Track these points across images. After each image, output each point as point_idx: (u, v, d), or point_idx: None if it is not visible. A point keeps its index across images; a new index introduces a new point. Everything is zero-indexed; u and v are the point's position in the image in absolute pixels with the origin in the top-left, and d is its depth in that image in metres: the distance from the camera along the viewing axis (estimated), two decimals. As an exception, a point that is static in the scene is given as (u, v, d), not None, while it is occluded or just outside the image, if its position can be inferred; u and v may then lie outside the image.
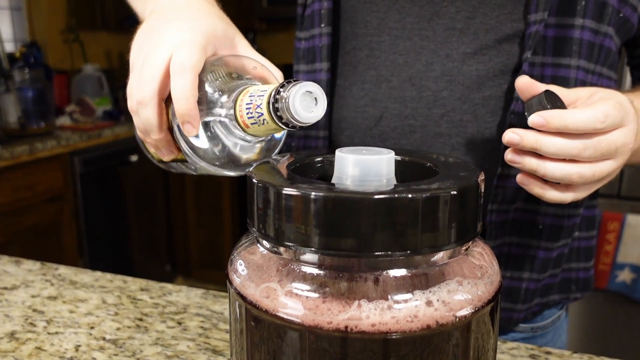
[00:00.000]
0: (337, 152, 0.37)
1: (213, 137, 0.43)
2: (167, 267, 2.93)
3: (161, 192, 2.85)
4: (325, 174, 0.41)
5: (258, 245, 0.36)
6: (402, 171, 0.40)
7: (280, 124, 0.38)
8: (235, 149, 0.44)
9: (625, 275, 1.73)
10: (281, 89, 0.37)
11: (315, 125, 0.69)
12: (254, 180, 0.34)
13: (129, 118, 2.68)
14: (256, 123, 0.40)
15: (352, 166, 0.35)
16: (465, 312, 0.31)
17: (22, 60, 2.32)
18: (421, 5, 0.63)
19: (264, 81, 0.45)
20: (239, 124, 0.41)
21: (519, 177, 0.52)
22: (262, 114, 0.38)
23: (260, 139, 0.44)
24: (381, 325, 0.30)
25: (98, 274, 0.77)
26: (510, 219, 0.64)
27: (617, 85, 0.67)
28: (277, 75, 0.48)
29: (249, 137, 0.43)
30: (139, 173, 2.65)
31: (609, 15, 0.60)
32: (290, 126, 0.38)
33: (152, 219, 2.80)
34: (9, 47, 2.59)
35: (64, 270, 0.78)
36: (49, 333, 0.61)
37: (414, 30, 0.63)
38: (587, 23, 0.59)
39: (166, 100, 0.45)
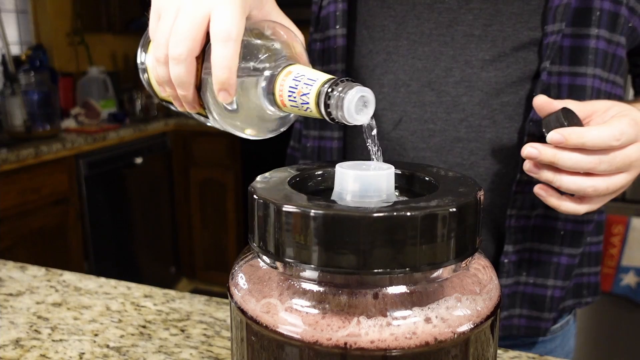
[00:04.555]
0: (337, 167, 0.37)
1: (240, 102, 0.44)
2: (172, 269, 2.95)
3: (166, 194, 2.86)
4: (325, 188, 0.42)
5: (259, 259, 0.36)
6: (403, 185, 0.40)
7: (327, 118, 0.38)
8: (256, 115, 0.45)
9: (629, 279, 1.72)
10: (335, 87, 0.37)
11: (330, 126, 0.70)
12: (254, 196, 0.34)
13: (133, 120, 2.69)
14: (296, 107, 0.40)
15: (352, 182, 0.36)
16: (464, 328, 0.32)
17: (28, 63, 2.33)
18: (439, 12, 0.64)
19: (295, 55, 0.46)
20: (274, 100, 0.42)
21: (536, 189, 0.55)
22: (308, 103, 0.39)
23: (285, 113, 0.45)
24: (380, 342, 0.30)
25: (102, 280, 0.78)
26: (531, 225, 0.64)
27: (625, 93, 0.68)
28: (302, 41, 0.48)
29: (276, 110, 0.44)
30: (144, 175, 2.66)
31: (621, 25, 0.61)
32: (335, 121, 0.39)
33: (157, 221, 2.81)
34: (15, 50, 2.61)
35: (68, 276, 0.79)
36: (53, 340, 0.62)
37: (433, 36, 0.64)
38: (601, 33, 0.60)
39: (197, 57, 0.44)
